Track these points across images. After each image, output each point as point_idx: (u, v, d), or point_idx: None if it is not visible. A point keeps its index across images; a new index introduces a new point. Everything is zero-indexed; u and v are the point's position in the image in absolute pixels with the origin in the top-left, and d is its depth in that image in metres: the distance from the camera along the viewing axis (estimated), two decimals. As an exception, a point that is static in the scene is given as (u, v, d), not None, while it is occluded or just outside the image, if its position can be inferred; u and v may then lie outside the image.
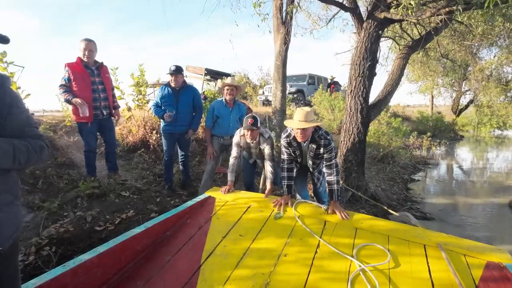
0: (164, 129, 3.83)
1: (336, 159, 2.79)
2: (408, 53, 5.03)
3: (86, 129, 3.46)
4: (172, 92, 3.71)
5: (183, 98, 3.76)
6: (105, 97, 3.51)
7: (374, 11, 4.30)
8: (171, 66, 3.66)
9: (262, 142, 3.33)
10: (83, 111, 3.24)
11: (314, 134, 2.74)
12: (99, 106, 3.46)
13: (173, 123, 3.73)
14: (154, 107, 3.82)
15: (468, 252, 1.93)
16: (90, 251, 1.77)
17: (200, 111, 4.04)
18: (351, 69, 4.56)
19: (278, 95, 5.18)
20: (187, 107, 3.81)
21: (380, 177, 6.20)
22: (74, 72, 3.28)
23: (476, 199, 5.70)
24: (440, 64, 8.35)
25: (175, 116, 3.68)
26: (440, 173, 8.28)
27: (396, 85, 4.94)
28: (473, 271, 1.76)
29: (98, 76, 3.45)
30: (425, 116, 16.12)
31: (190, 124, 3.90)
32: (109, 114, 3.62)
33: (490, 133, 18.47)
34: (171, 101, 3.71)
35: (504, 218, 4.84)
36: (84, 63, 3.34)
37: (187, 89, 3.80)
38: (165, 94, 3.73)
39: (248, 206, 2.73)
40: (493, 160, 10.82)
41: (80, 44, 3.31)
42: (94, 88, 3.39)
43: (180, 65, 3.77)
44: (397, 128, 8.30)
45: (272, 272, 1.79)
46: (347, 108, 4.60)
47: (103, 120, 3.56)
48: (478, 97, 17.37)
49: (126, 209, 3.44)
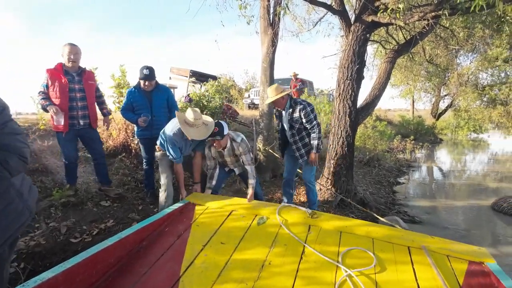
0: (140, 134, 3.53)
1: (316, 121, 3.29)
2: (394, 57, 5.07)
3: (62, 138, 3.21)
4: (144, 95, 3.40)
5: (157, 100, 3.45)
6: (83, 106, 3.24)
7: (362, 14, 4.29)
8: (144, 69, 3.29)
9: (236, 148, 3.07)
10: (57, 119, 3.02)
11: (290, 101, 3.33)
12: (76, 115, 3.20)
13: (149, 128, 3.43)
14: (124, 111, 3.47)
15: (451, 253, 1.97)
16: (54, 268, 1.56)
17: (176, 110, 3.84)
18: (339, 72, 4.52)
19: (265, 97, 5.07)
20: (161, 109, 3.51)
21: (367, 181, 6.21)
22: (52, 78, 3.07)
23: (461, 201, 5.80)
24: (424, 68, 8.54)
25: (150, 120, 3.40)
26: (424, 175, 8.43)
27: (383, 89, 4.96)
28: (457, 271, 1.80)
29: (79, 83, 3.20)
30: (406, 120, 16.52)
31: None
32: (88, 124, 3.32)
33: (467, 136, 19.18)
34: (144, 104, 3.41)
35: (488, 219, 4.93)
36: (64, 68, 3.13)
37: (159, 90, 3.48)
38: (136, 97, 3.41)
39: (230, 212, 2.61)
40: (472, 162, 11.18)
41: (63, 48, 3.08)
42: (71, 96, 3.15)
43: (152, 67, 3.37)
44: (382, 131, 8.39)
45: (256, 282, 1.69)
46: (335, 112, 4.56)
47: (82, 130, 3.29)
48: (456, 101, 18.00)
49: (105, 218, 3.22)
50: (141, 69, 3.32)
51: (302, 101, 3.32)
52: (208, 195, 3.06)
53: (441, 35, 5.35)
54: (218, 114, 5.39)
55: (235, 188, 4.61)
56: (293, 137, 3.40)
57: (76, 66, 3.18)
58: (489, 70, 14.73)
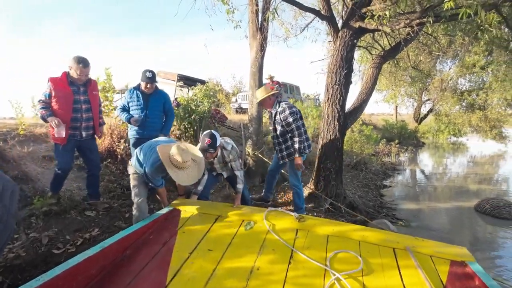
0: (132, 134, 3.60)
1: (296, 125, 3.28)
2: (380, 62, 5.18)
3: (60, 149, 3.07)
4: (142, 96, 3.51)
5: (153, 102, 3.57)
6: (88, 118, 3.17)
7: (349, 20, 4.35)
8: (147, 72, 3.42)
9: (226, 156, 3.04)
10: (58, 131, 2.89)
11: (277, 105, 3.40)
12: (78, 127, 3.11)
13: (142, 128, 3.52)
14: (120, 110, 3.60)
15: (433, 253, 2.05)
16: (32, 281, 1.47)
17: (172, 117, 3.87)
18: (327, 77, 4.56)
19: (255, 102, 5.06)
20: (157, 112, 3.63)
21: (354, 184, 6.27)
22: (57, 88, 2.93)
23: (445, 203, 5.95)
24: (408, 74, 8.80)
25: (143, 121, 3.47)
26: (409, 178, 8.62)
27: (370, 93, 5.04)
28: (440, 271, 1.88)
29: (84, 94, 3.10)
30: (390, 124, 16.93)
31: (160, 129, 3.69)
32: (91, 135, 3.26)
33: (447, 139, 19.83)
34: (140, 105, 3.51)
35: (472, 220, 5.07)
36: (70, 79, 3.00)
37: (157, 94, 3.62)
38: (134, 98, 3.53)
39: (216, 217, 2.58)
40: (453, 165, 11.54)
41: (72, 63, 2.94)
42: (76, 107, 3.06)
43: (155, 71, 3.56)
44: (368, 135, 8.54)
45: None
46: (324, 116, 4.59)
47: (82, 141, 3.20)
48: (436, 106, 18.60)
49: (90, 227, 3.09)
50: (144, 72, 3.42)
51: (284, 104, 3.38)
52: (193, 201, 3.00)
53: (424, 41, 5.52)
54: (207, 118, 5.33)
55: (224, 194, 4.54)
56: (276, 139, 3.52)
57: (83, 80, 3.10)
58: (467, 76, 15.34)
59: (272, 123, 3.55)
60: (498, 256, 3.86)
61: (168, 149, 2.53)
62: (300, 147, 3.28)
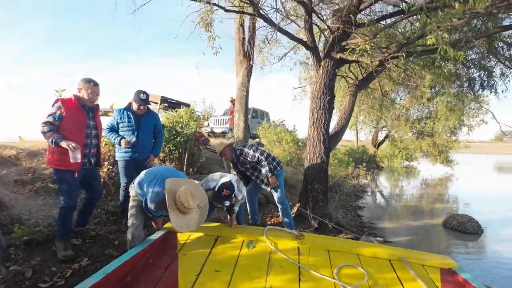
0: (122, 156, 3.44)
1: (258, 153, 3.62)
2: (356, 90, 5.65)
3: (71, 178, 2.74)
4: (133, 117, 3.40)
5: (145, 124, 3.49)
6: (96, 144, 2.97)
7: (331, 51, 4.75)
8: (141, 94, 3.33)
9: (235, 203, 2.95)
10: (74, 156, 2.60)
11: (236, 152, 3.70)
12: (88, 154, 2.90)
13: (132, 150, 3.39)
14: (108, 131, 3.42)
15: (424, 262, 2.26)
16: None
17: (161, 137, 3.84)
18: (312, 103, 4.85)
19: (241, 125, 5.17)
20: (148, 133, 3.55)
21: (333, 206, 6.48)
22: (69, 111, 2.71)
23: (416, 221, 6.38)
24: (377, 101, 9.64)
25: (135, 142, 3.35)
26: (379, 199, 9.13)
27: (349, 118, 5.42)
28: (433, 278, 2.06)
29: (93, 119, 2.95)
30: (353, 149, 17.97)
31: (150, 151, 3.61)
32: (96, 163, 3.07)
33: (401, 163, 21.49)
34: (131, 126, 3.40)
35: (441, 236, 5.49)
36: (81, 102, 2.81)
37: (149, 115, 3.55)
38: (124, 119, 3.41)
39: (216, 238, 2.56)
40: (413, 187, 12.51)
41: (84, 85, 2.79)
42: (88, 132, 2.87)
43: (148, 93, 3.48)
44: (341, 159, 8.99)
45: None
46: (310, 139, 4.80)
47: (88, 169, 2.97)
48: (391, 133, 20.25)
49: (78, 257, 2.81)
50: (137, 93, 3.32)
51: (239, 147, 3.75)
52: None
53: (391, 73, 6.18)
54: (191, 141, 5.28)
55: (213, 217, 4.42)
56: (252, 174, 3.79)
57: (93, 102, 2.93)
58: (417, 106, 17.07)
59: (240, 167, 3.79)
60: (472, 266, 4.20)
61: (176, 187, 2.31)
62: (270, 167, 3.65)
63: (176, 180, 2.40)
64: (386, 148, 22.46)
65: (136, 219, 2.64)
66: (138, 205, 2.66)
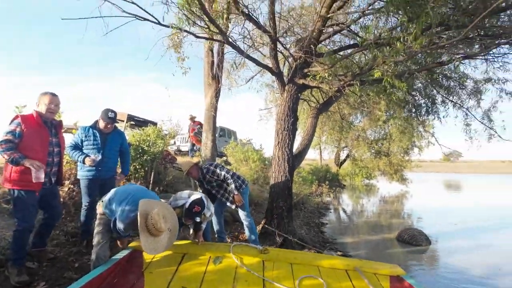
0: (85, 174, 3.36)
1: (224, 171, 3.76)
2: (317, 113, 6.08)
3: (31, 199, 2.63)
4: (99, 135, 3.38)
5: (111, 142, 3.48)
6: (58, 162, 2.87)
7: (294, 77, 5.13)
8: (109, 112, 3.33)
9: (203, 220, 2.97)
10: (38, 175, 2.50)
11: (202, 171, 3.79)
12: (49, 172, 2.79)
13: (97, 168, 3.33)
14: (71, 148, 3.35)
15: (376, 271, 2.49)
16: None
17: (129, 156, 3.86)
18: (277, 124, 5.14)
19: (209, 144, 5.29)
20: (114, 152, 3.54)
21: (297, 222, 6.71)
22: (30, 127, 2.60)
23: (373, 235, 6.83)
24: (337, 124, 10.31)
25: (100, 161, 3.31)
26: (341, 216, 9.59)
27: (311, 139, 5.79)
28: (383, 285, 2.28)
29: (56, 136, 2.85)
30: (317, 168, 18.70)
31: (114, 169, 3.59)
32: (56, 182, 2.97)
33: (361, 182, 22.70)
34: (97, 144, 3.36)
35: (394, 247, 5.95)
36: (43, 118, 2.71)
37: (116, 134, 3.55)
38: (90, 137, 3.37)
39: (183, 255, 2.59)
40: (371, 204, 13.28)
41: (42, 97, 2.71)
42: (50, 150, 2.77)
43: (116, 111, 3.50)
44: (305, 177, 9.36)
45: None
46: (275, 158, 5.05)
47: (48, 188, 2.85)
48: (352, 153, 21.45)
49: (34, 281, 2.67)
50: (105, 111, 3.31)
51: (205, 166, 3.85)
52: None
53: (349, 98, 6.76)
54: (158, 159, 5.27)
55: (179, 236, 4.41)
56: (217, 192, 3.88)
57: (53, 116, 2.83)
58: (374, 128, 18.38)
59: (206, 186, 3.87)
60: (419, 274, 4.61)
61: (149, 209, 2.26)
62: (236, 185, 3.76)
63: (150, 201, 2.37)
64: (347, 167, 23.63)
65: (103, 238, 2.59)
66: (105, 224, 2.62)
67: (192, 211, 2.72)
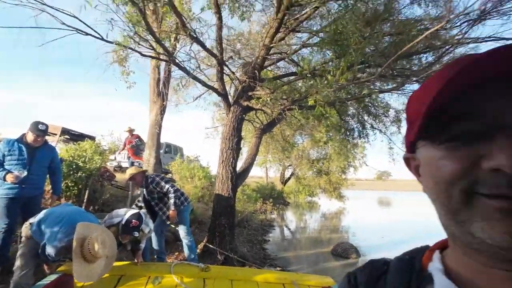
0: (5, 192, 3.07)
1: (169, 184, 3.76)
2: (261, 134, 6.40)
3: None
4: (26, 150, 3.13)
5: (40, 158, 3.25)
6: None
7: (239, 99, 5.40)
8: (39, 124, 3.13)
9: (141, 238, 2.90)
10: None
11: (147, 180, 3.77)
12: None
13: (19, 186, 3.06)
14: None
15: (309, 282, 2.72)
16: None
17: (60, 174, 3.61)
18: (222, 143, 5.30)
19: (152, 161, 5.16)
20: (42, 168, 3.30)
21: (240, 240, 6.81)
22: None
23: (311, 250, 7.25)
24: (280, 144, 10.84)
25: (25, 177, 3.05)
26: (283, 233, 9.91)
27: (254, 158, 6.05)
28: None
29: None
30: (262, 186, 19.14)
31: (41, 187, 3.36)
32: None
33: (305, 199, 23.81)
34: (23, 159, 3.11)
35: (329, 260, 6.42)
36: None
37: (45, 148, 3.31)
38: (14, 151, 3.11)
39: (119, 277, 2.50)
40: (312, 220, 14.02)
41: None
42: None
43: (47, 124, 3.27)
44: (249, 195, 9.55)
45: None
46: (219, 176, 5.16)
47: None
48: (296, 171, 22.51)
49: None
50: (35, 123, 3.11)
51: (151, 176, 3.86)
52: None
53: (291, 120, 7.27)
54: (95, 176, 4.98)
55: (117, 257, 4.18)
56: (157, 206, 3.85)
57: None
58: (316, 149, 19.67)
59: (148, 197, 3.85)
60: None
61: (87, 233, 2.12)
62: (176, 201, 3.70)
63: (89, 225, 2.23)
64: (292, 185, 24.62)
65: (26, 264, 2.38)
66: (31, 248, 2.41)
67: (130, 226, 2.66)
